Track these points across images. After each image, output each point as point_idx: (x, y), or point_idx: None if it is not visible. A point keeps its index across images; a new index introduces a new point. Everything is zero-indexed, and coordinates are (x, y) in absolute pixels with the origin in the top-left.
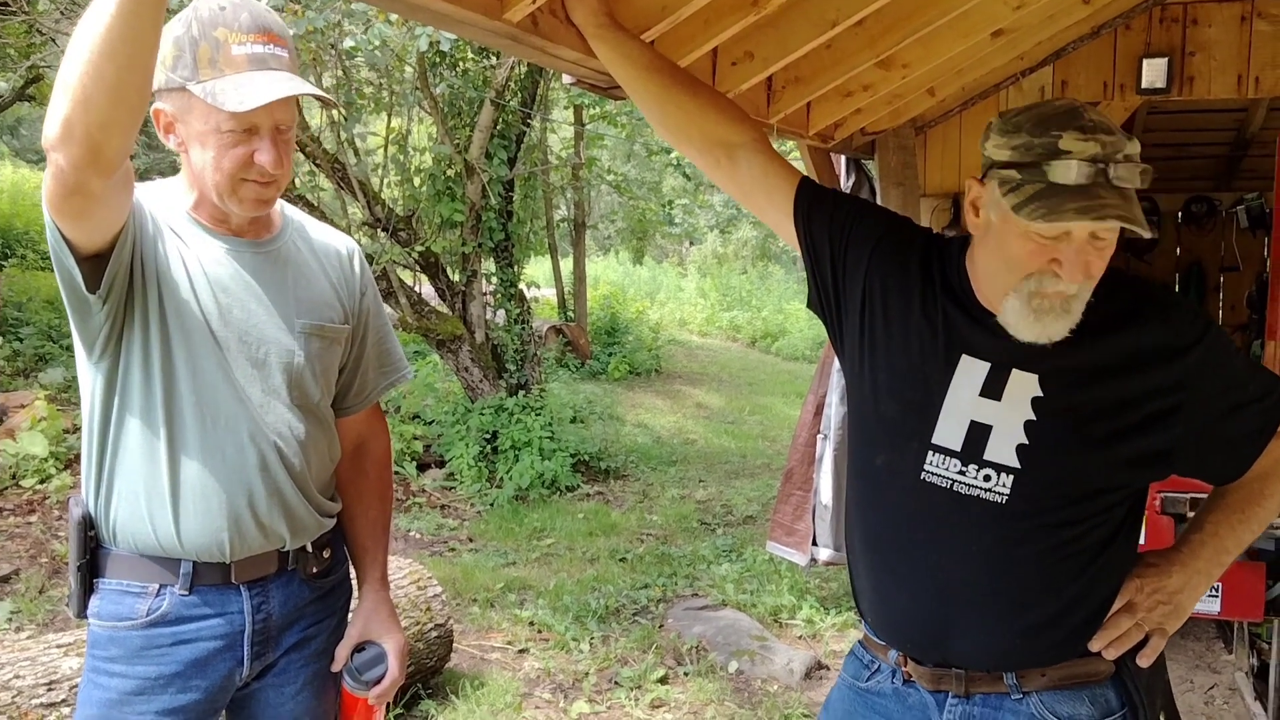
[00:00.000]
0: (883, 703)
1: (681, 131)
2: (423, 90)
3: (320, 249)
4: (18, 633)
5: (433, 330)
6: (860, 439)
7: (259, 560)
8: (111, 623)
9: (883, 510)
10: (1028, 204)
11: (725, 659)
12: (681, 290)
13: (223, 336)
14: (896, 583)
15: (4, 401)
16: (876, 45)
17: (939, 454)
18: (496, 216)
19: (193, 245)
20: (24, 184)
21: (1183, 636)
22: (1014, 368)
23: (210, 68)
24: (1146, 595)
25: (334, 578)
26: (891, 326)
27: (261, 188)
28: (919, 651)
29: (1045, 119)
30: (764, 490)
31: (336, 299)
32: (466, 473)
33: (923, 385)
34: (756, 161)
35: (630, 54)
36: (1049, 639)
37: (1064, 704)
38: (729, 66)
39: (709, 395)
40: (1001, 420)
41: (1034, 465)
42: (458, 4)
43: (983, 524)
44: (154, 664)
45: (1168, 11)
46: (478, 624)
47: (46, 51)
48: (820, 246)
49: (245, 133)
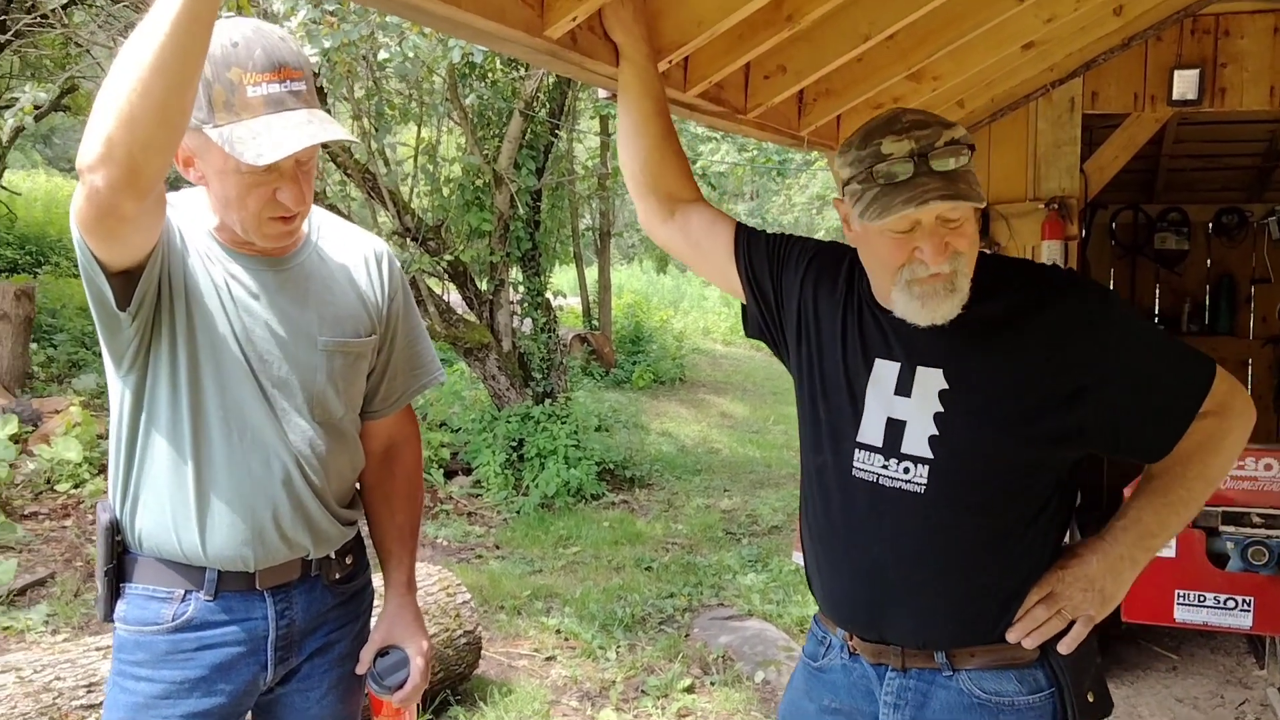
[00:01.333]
0: (831, 678)
1: (654, 178)
2: (452, 101)
3: (348, 255)
4: (54, 635)
5: (460, 338)
6: (806, 443)
7: (282, 568)
8: (137, 627)
9: (822, 505)
10: (868, 208)
11: (751, 669)
12: (705, 299)
13: (247, 354)
14: (836, 570)
15: (39, 407)
16: (908, 58)
17: (865, 450)
18: (524, 226)
19: (217, 264)
20: (57, 192)
21: (1213, 651)
22: (920, 365)
23: (226, 111)
24: (1068, 584)
25: (357, 583)
26: (823, 338)
27: (285, 223)
28: (860, 630)
29: (869, 132)
30: (789, 500)
31: (363, 308)
32: (493, 480)
33: (848, 389)
34: (705, 214)
35: (650, 87)
36: (975, 620)
37: (991, 681)
38: (761, 80)
39: (733, 404)
40: (913, 415)
41: (946, 454)
42: (500, 22)
43: (906, 513)
44: (179, 668)
45: (1199, 23)
46: (505, 631)
47: (82, 63)
48: (760, 275)
49: (266, 172)
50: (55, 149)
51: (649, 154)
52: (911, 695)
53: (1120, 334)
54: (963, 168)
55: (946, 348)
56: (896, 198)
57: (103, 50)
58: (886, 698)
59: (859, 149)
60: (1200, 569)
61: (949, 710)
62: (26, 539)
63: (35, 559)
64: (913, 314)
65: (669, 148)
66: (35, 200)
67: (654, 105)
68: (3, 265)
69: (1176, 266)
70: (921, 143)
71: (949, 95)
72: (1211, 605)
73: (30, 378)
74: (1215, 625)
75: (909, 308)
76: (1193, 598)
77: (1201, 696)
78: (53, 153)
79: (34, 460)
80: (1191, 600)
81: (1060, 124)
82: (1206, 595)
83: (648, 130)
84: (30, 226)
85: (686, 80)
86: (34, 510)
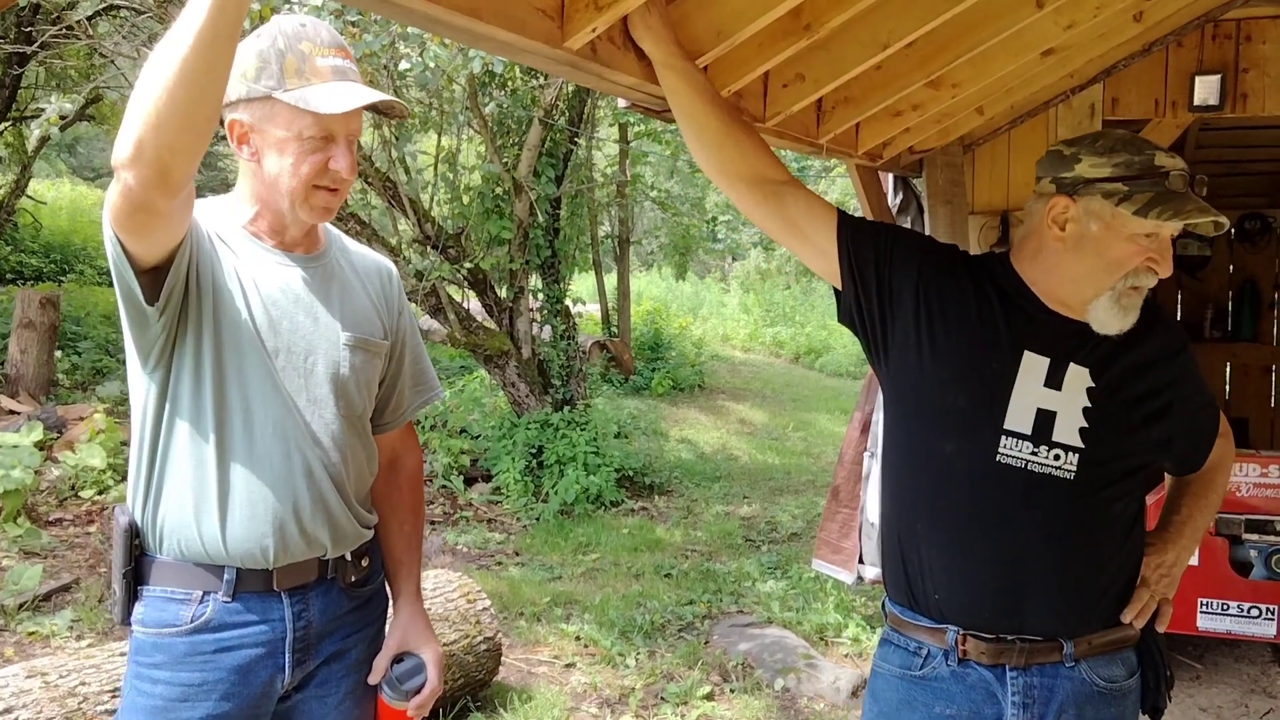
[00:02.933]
0: (942, 685)
1: (733, 167)
2: (472, 110)
3: (361, 268)
4: (79, 641)
5: (480, 346)
6: (921, 431)
7: (300, 568)
8: (156, 629)
9: (954, 493)
10: (1150, 207)
11: (771, 676)
12: (724, 306)
13: (272, 347)
14: (972, 559)
15: (63, 414)
16: (927, 66)
17: (1011, 438)
18: (543, 234)
19: (246, 258)
20: (82, 201)
21: (1236, 661)
22: (1071, 361)
23: (297, 77)
24: (1152, 569)
25: (371, 587)
26: (951, 329)
27: (331, 195)
28: (988, 624)
29: (1133, 141)
30: (808, 507)
31: (377, 315)
32: (513, 487)
33: (990, 378)
34: (802, 197)
35: (698, 85)
36: (1100, 605)
37: (1105, 667)
38: (780, 89)
39: (752, 411)
40: (1064, 407)
41: (1094, 445)
42: (521, 34)
43: (1053, 499)
44: (198, 670)
45: (1220, 28)
46: (525, 638)
47: (107, 73)
48: (865, 267)
49: (323, 139)
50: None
51: (718, 147)
52: (1038, 692)
53: (1187, 365)
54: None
55: (1091, 350)
56: (1186, 205)
57: (127, 60)
58: (1014, 698)
59: (1130, 153)
60: (1224, 577)
61: (1075, 702)
62: (51, 545)
63: (60, 565)
64: (1109, 322)
65: (737, 135)
66: (60, 209)
67: (706, 101)
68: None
69: (1199, 272)
70: (1183, 165)
71: (968, 102)
72: (1235, 614)
73: (55, 385)
74: (1239, 634)
75: (1110, 314)
76: (1216, 606)
77: (1225, 706)
78: (77, 162)
79: (59, 467)
80: (1215, 609)
81: (1080, 130)
82: (1230, 604)
83: (708, 126)
84: (55, 235)
85: None
86: (59, 516)
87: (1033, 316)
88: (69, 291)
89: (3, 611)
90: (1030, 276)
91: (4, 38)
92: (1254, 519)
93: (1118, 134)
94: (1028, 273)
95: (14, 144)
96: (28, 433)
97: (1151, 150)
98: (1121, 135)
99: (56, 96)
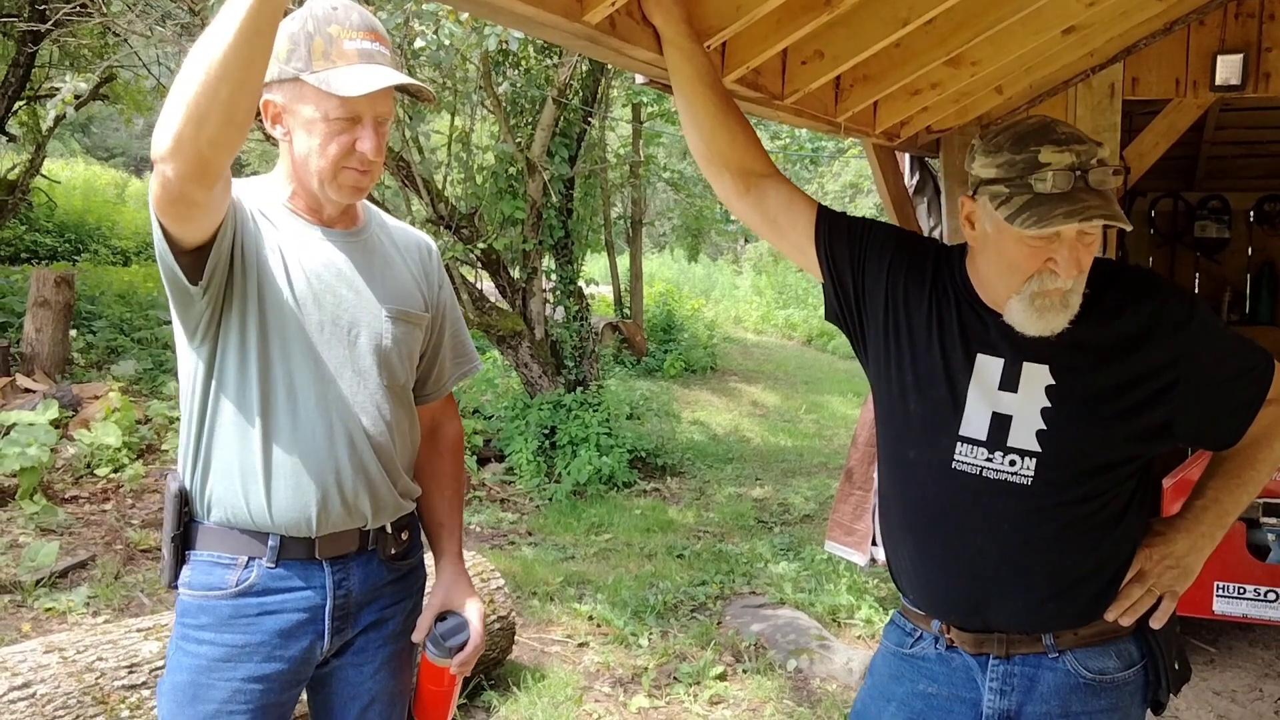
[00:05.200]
0: (928, 665)
1: (721, 154)
2: (486, 89)
3: (401, 243)
4: (95, 617)
5: (493, 326)
6: (891, 435)
7: (342, 537)
8: (202, 592)
9: (917, 498)
10: (1019, 214)
11: (784, 657)
12: (736, 288)
13: (316, 320)
14: (934, 562)
15: (79, 393)
16: (947, 43)
17: (967, 444)
18: (557, 214)
19: (288, 234)
20: (95, 180)
21: (1251, 645)
22: (1025, 360)
23: (324, 59)
24: (1155, 562)
25: (411, 560)
26: (914, 332)
27: (360, 175)
28: (961, 620)
29: (1022, 136)
30: (821, 489)
31: (417, 289)
32: (526, 467)
33: (946, 383)
34: (783, 190)
35: (700, 67)
36: (1077, 603)
37: (1094, 659)
38: (799, 65)
39: (765, 393)
40: (1020, 409)
41: (1053, 447)
42: (539, 7)
43: (1012, 505)
44: (241, 633)
45: (1244, 6)
46: (538, 617)
47: (120, 53)
48: (841, 263)
49: (349, 121)
50: (94, 138)
51: (711, 132)
52: (1018, 681)
53: (1200, 335)
54: (1111, 187)
55: (1051, 345)
56: (1057, 209)
57: (140, 40)
58: (992, 684)
59: (1012, 152)
60: (1240, 561)
61: (1057, 693)
62: (67, 522)
63: (76, 542)
64: (1027, 324)
65: (731, 123)
66: (74, 188)
67: (706, 85)
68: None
69: (1216, 255)
70: (1082, 157)
71: (988, 81)
72: (1251, 597)
73: (70, 364)
74: (1255, 618)
75: (1025, 317)
76: (1232, 589)
77: (1240, 690)
78: (91, 141)
79: (74, 445)
80: (1231, 592)
81: (1100, 110)
82: (1246, 587)
83: (705, 110)
84: (70, 214)
85: (724, 66)
86: (74, 494)
87: (981, 316)
88: (83, 271)
89: (20, 588)
90: (973, 274)
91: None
92: (1272, 502)
93: (1017, 128)
94: (972, 271)
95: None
96: (44, 411)
97: (1039, 146)
98: (1018, 130)
99: (70, 75)
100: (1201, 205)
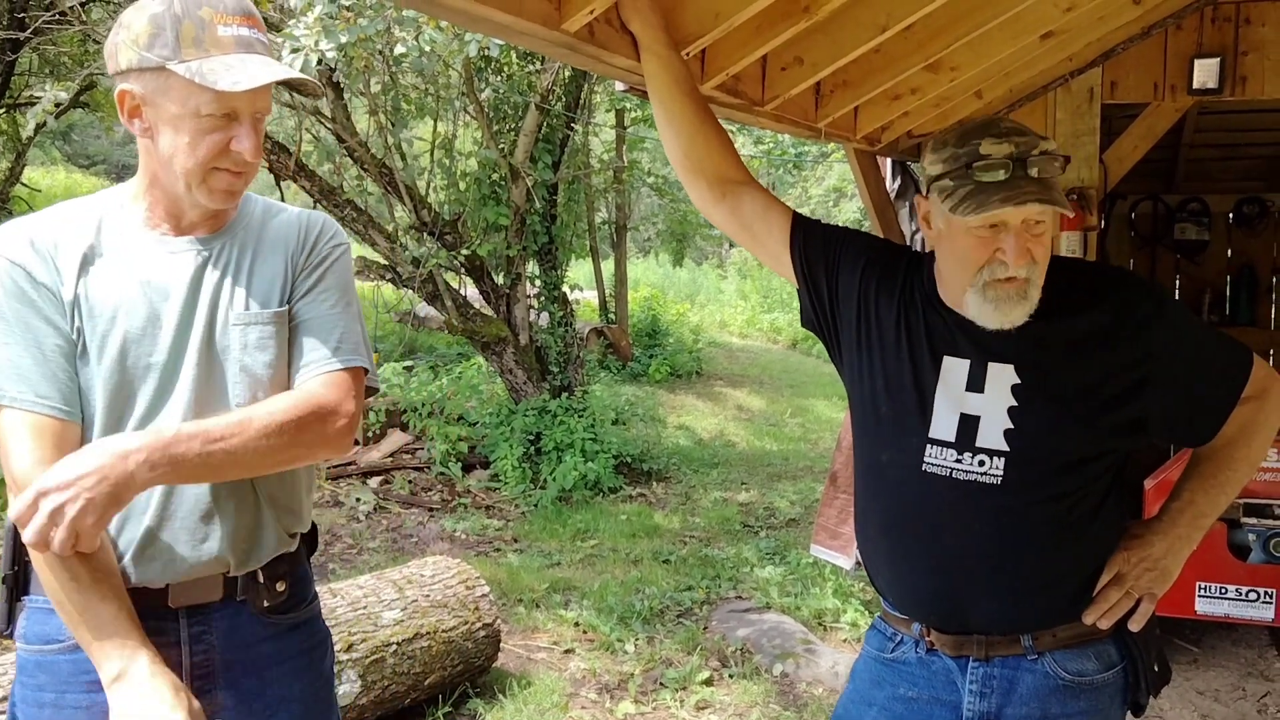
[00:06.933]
0: (908, 670)
1: (698, 160)
2: (469, 95)
3: (272, 236)
4: None
5: (478, 333)
6: (864, 438)
7: (198, 585)
8: (38, 646)
9: (891, 501)
10: (962, 203)
11: (770, 661)
12: (721, 292)
13: (145, 353)
14: (911, 565)
15: None
16: (926, 49)
17: (936, 446)
18: (540, 220)
19: (129, 262)
20: (76, 188)
21: (1234, 644)
22: (990, 361)
23: (195, 47)
24: (1133, 565)
25: (294, 616)
26: (884, 337)
27: (233, 177)
28: (940, 622)
29: (966, 133)
30: (806, 493)
31: (280, 283)
32: (511, 474)
33: (914, 387)
34: (759, 198)
35: (678, 75)
36: (1054, 603)
37: (1073, 661)
38: (779, 72)
39: (750, 397)
40: (987, 410)
41: (1021, 446)
42: (518, 16)
43: (983, 505)
44: (84, 693)
45: (1220, 11)
46: (524, 624)
47: (100, 60)
48: (815, 270)
49: (224, 118)
50: (74, 145)
51: (689, 139)
52: (998, 683)
53: (1172, 330)
54: (1054, 177)
55: (1016, 344)
56: (994, 196)
57: None
58: (971, 686)
59: (955, 147)
60: (1222, 561)
61: (1037, 694)
62: None
63: None
64: (985, 317)
65: (707, 130)
66: (55, 197)
67: (683, 92)
68: None
69: (1196, 257)
70: (1020, 148)
71: (967, 86)
72: (1233, 597)
73: None
74: (1236, 617)
75: (982, 310)
76: (1214, 590)
77: (1223, 689)
78: (72, 149)
79: None
80: (1213, 592)
81: (1079, 114)
82: (1228, 587)
83: (682, 116)
84: None
85: (704, 73)
86: None
87: (946, 319)
88: None
89: None
90: (937, 277)
91: None
92: (1252, 503)
93: (963, 126)
94: (937, 273)
95: (8, 131)
96: None
97: (979, 139)
98: (964, 128)
99: (50, 83)
100: (1181, 208)
